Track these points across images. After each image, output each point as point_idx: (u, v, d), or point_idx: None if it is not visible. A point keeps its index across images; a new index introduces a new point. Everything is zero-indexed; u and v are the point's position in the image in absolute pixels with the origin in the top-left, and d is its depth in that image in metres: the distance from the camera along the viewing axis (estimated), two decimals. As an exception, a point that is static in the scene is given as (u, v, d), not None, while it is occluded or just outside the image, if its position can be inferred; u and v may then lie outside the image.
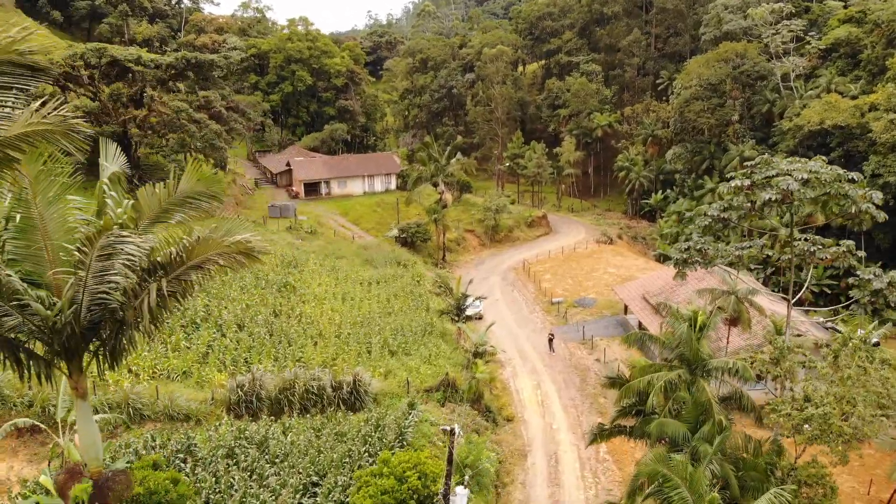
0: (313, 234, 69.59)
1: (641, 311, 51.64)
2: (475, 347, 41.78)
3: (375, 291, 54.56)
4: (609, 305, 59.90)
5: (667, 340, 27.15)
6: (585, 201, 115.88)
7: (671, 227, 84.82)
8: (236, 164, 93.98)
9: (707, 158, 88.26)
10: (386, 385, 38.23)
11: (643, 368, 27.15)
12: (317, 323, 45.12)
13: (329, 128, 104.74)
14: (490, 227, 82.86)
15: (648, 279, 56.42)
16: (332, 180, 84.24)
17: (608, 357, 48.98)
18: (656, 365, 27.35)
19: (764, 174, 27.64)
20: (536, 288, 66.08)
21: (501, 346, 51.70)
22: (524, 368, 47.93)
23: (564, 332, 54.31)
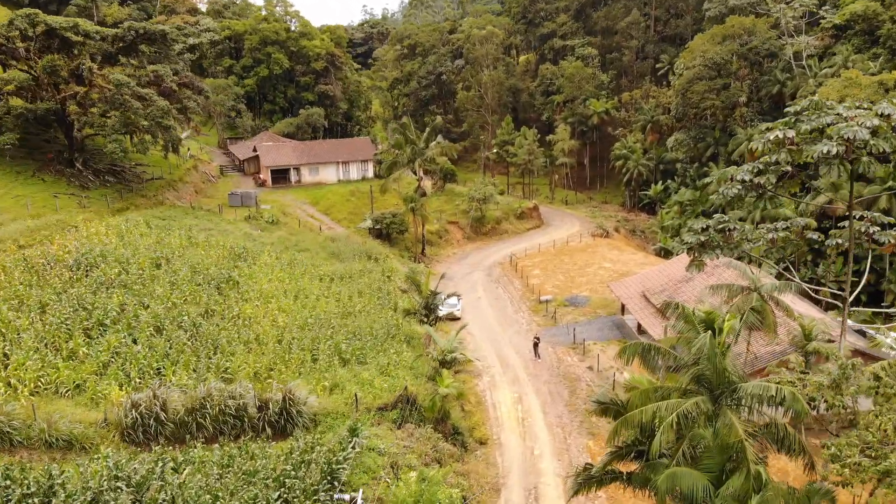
0: (275, 223, 62.43)
1: (641, 312, 44.58)
2: (442, 355, 34.71)
3: (337, 288, 47.43)
4: (604, 304, 52.87)
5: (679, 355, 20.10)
6: (580, 193, 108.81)
7: (672, 218, 77.78)
8: (201, 151, 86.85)
9: (711, 145, 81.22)
10: (329, 402, 31.23)
11: (646, 392, 20.11)
12: (257, 325, 37.99)
13: (305, 112, 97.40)
14: (475, 218, 75.78)
15: (649, 274, 49.36)
16: (302, 167, 77.03)
17: (602, 364, 41.96)
18: (664, 387, 20.29)
19: (814, 123, 20.59)
20: (523, 285, 59.04)
21: (480, 352, 44.66)
22: (504, 378, 40.88)
23: (553, 334, 47.27)
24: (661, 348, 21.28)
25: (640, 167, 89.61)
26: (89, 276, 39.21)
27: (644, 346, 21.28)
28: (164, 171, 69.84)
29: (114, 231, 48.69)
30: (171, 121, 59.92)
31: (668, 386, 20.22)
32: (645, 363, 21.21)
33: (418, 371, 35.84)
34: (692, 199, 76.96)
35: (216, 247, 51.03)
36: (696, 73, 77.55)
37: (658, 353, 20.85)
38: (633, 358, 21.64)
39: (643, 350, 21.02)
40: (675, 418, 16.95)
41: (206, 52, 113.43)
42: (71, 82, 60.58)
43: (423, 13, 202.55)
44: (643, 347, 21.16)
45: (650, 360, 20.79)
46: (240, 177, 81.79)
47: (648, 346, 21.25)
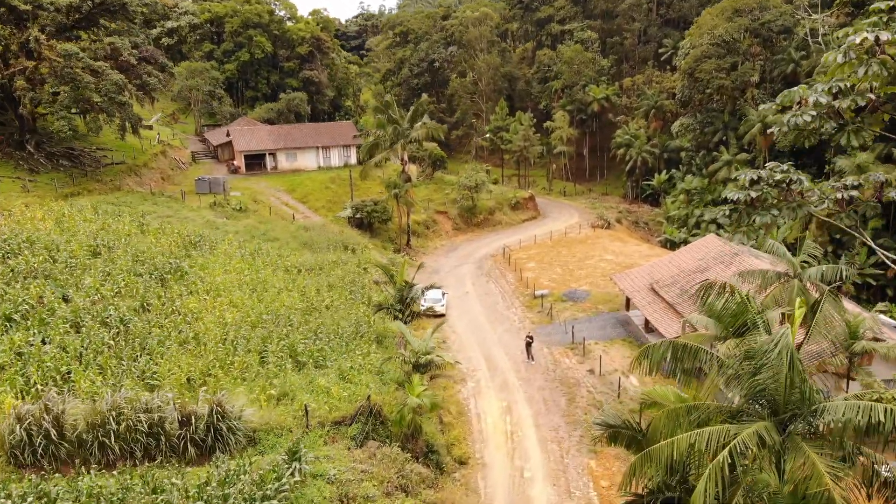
0: (243, 211, 56.80)
1: (650, 307, 38.95)
2: (416, 357, 29.06)
3: (304, 281, 41.78)
4: (606, 299, 47.24)
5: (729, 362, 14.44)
6: (579, 185, 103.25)
7: (679, 208, 72.18)
8: (174, 138, 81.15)
9: (720, 130, 75.59)
10: (274, 415, 25.56)
11: (675, 413, 14.39)
12: (200, 322, 32.32)
13: (286, 97, 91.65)
14: (466, 208, 70.14)
15: (658, 265, 43.74)
16: (279, 152, 71.32)
17: (605, 367, 36.34)
18: (701, 406, 14.50)
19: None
20: (517, 278, 53.40)
21: (464, 353, 39.04)
22: (492, 383, 35.24)
23: (548, 333, 41.65)
24: (698, 349, 15.57)
25: (643, 154, 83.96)
26: (6, 263, 33.54)
27: (675, 347, 15.56)
28: (127, 156, 64.19)
29: (53, 216, 43.01)
30: (126, 97, 54.23)
31: (708, 406, 14.43)
32: (676, 372, 15.45)
33: (388, 376, 30.19)
34: (700, 187, 71.35)
35: (170, 234, 45.40)
36: (703, 51, 71.88)
37: (693, 356, 15.12)
38: (657, 365, 15.96)
39: (674, 351, 15.27)
40: (725, 456, 11.29)
41: (185, 37, 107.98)
42: (21, 56, 55.02)
43: (418, 4, 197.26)
44: (674, 348, 15.44)
45: (684, 365, 15.04)
46: (213, 164, 76.09)
47: (681, 347, 15.52)
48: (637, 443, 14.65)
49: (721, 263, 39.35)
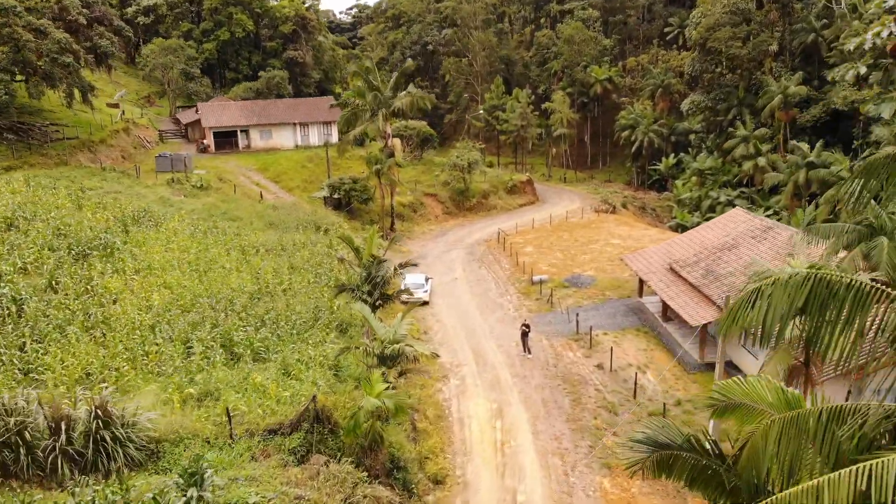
0: (203, 189, 50.69)
1: (668, 289, 32.77)
2: (381, 347, 22.88)
3: (262, 262, 35.61)
4: (614, 285, 41.10)
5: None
6: (581, 172, 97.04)
7: (691, 190, 66.00)
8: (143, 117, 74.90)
9: (735, 106, 69.40)
10: (190, 421, 19.41)
11: (796, 422, 7.92)
12: (119, 305, 26.15)
13: (266, 75, 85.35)
14: (458, 190, 64.00)
15: (676, 243, 37.59)
16: (252, 129, 65.12)
17: (617, 361, 30.19)
18: (860, 408, 7.99)
19: None
20: (512, 264, 47.27)
21: (449, 344, 32.90)
22: (480, 380, 29.06)
23: (548, 322, 35.51)
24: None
25: (650, 134, 77.72)
26: None
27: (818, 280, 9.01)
28: (83, 132, 58.02)
29: (-29, 188, 36.90)
30: (70, 58, 48.00)
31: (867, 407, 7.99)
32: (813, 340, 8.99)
33: (346, 372, 24.04)
34: (714, 167, 65.19)
35: (111, 209, 39.28)
36: (717, 19, 65.75)
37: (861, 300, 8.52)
38: (773, 329, 9.51)
39: (814, 289, 8.56)
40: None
41: (163, 15, 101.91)
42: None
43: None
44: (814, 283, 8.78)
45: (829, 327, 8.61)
46: (183, 144, 69.89)
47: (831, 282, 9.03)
48: (712, 477, 8.60)
49: (752, 238, 33.22)
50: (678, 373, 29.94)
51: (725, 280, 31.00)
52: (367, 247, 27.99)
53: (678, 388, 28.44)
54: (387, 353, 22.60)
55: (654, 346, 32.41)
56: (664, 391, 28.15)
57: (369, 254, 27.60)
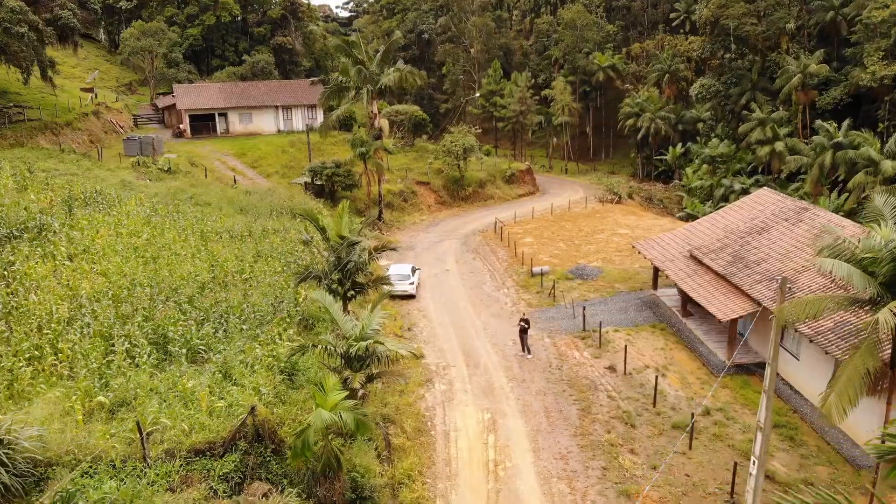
0: (171, 173, 46.37)
1: (691, 279, 28.38)
2: (346, 345, 18.43)
3: (224, 249, 31.20)
4: (624, 277, 36.71)
5: None
6: (583, 164, 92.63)
7: (702, 178, 61.58)
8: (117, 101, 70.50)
9: (748, 90, 65.01)
10: (94, 438, 15.05)
11: None
12: (38, 294, 21.73)
13: (251, 59, 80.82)
14: (452, 179, 59.60)
15: (696, 228, 33.17)
16: (230, 112, 60.68)
17: (631, 363, 25.80)
18: None
19: None
20: (510, 254, 42.88)
21: (437, 343, 28.49)
22: (471, 385, 24.63)
23: (551, 317, 31.10)
24: None
25: (657, 120, 73.15)
26: None
27: None
28: (47, 114, 53.62)
29: None
30: (26, 28, 43.58)
31: None
32: None
33: (306, 377, 19.64)
34: (727, 153, 60.75)
35: (59, 191, 34.88)
36: (729, -3, 61.35)
37: None
38: None
39: None
40: None
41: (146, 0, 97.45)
42: None
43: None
44: None
45: None
46: (160, 129, 65.47)
47: None
48: None
49: (785, 221, 28.83)
50: (703, 376, 25.56)
51: (758, 267, 26.63)
52: (334, 226, 23.53)
53: (704, 395, 24.05)
54: (353, 352, 18.17)
55: (672, 344, 28.01)
56: (688, 398, 23.78)
57: (337, 234, 23.15)
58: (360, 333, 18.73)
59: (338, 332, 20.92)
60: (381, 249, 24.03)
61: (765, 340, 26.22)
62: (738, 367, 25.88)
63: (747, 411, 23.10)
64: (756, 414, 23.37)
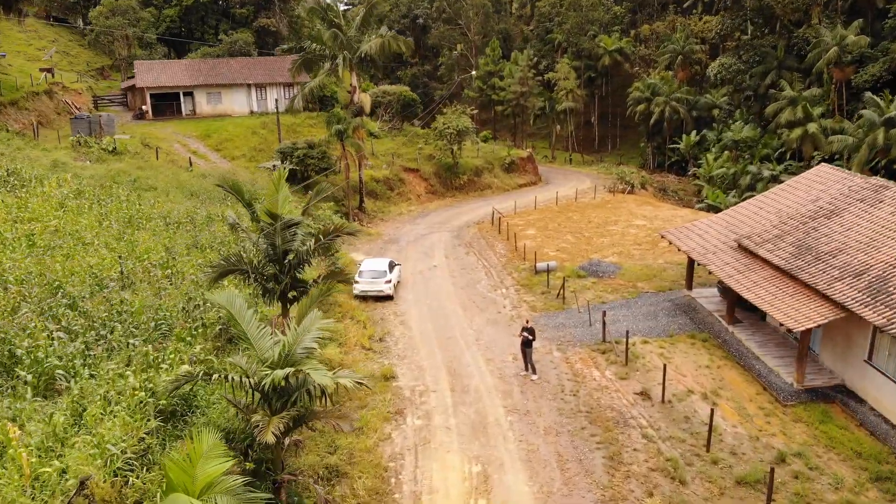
0: (116, 154, 40.10)
1: (743, 277, 22.03)
2: (260, 375, 12.01)
3: (156, 237, 24.92)
4: (647, 274, 30.35)
5: None
6: (588, 156, 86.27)
7: (723, 165, 55.19)
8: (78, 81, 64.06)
9: (774, 69, 58.67)
10: None
11: None
12: None
13: (228, 38, 74.33)
14: (445, 166, 53.27)
15: (740, 213, 26.76)
16: (197, 91, 54.24)
17: (671, 387, 19.39)
18: None
19: None
20: (510, 249, 36.53)
21: (414, 359, 22.13)
22: (456, 418, 18.24)
23: (560, 325, 24.73)
24: None
25: (671, 104, 66.67)
26: None
27: None
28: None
29: None
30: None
31: None
32: None
33: (205, 418, 13.26)
34: (752, 137, 54.33)
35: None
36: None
37: None
38: None
39: None
40: None
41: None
42: None
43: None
44: None
45: None
46: (122, 111, 59.10)
47: None
48: None
49: (860, 202, 22.50)
50: (765, 404, 19.21)
51: (833, 260, 20.31)
52: (267, 200, 17.14)
53: (772, 432, 17.75)
54: (267, 385, 11.80)
55: (719, 360, 21.66)
56: (751, 437, 17.45)
57: (266, 212, 16.76)
58: (281, 356, 12.40)
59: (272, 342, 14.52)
60: (332, 234, 17.68)
61: (844, 356, 19.91)
62: (809, 393, 19.55)
63: (835, 456, 16.77)
64: (848, 460, 17.11)
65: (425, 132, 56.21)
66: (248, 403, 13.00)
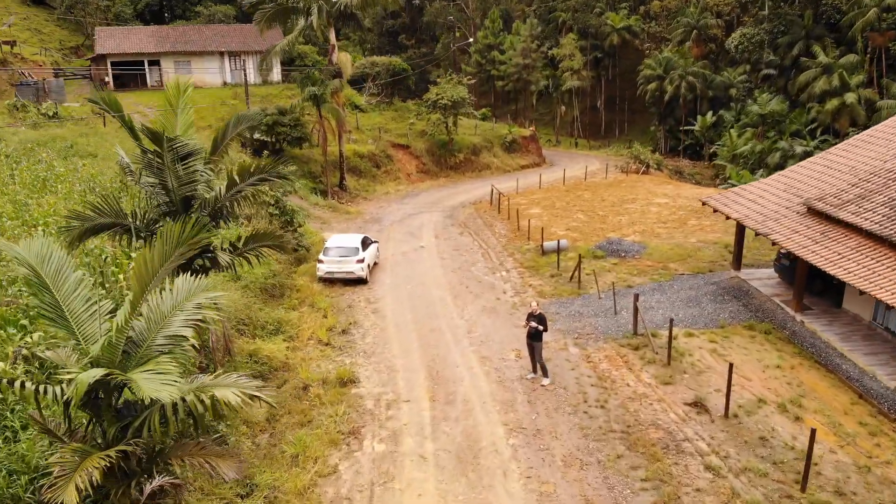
0: (57, 119, 34.90)
1: (820, 248, 16.59)
2: (58, 380, 6.59)
3: (67, 201, 19.61)
4: (679, 254, 24.94)
5: None
6: (594, 141, 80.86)
7: (747, 143, 49.72)
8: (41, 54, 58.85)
9: (801, 39, 53.20)
10: None
11: None
12: None
13: (206, 12, 68.88)
14: (439, 143, 47.87)
15: (802, 171, 21.29)
16: (164, 59, 48.73)
17: (736, 393, 13.89)
18: None
19: None
20: (511, 228, 31.13)
21: (384, 356, 16.70)
22: (436, 441, 12.82)
23: (576, 313, 19.32)
24: None
25: (687, 80, 61.16)
26: None
27: None
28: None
29: None
30: None
31: None
32: None
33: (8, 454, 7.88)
34: (779, 111, 48.79)
35: None
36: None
37: None
38: None
39: None
40: None
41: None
42: None
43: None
44: None
45: None
46: (87, 84, 53.76)
47: None
48: None
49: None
50: (866, 418, 13.85)
51: (952, 223, 14.87)
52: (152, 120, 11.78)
53: (886, 459, 12.40)
54: (71, 397, 6.43)
55: (791, 358, 16.26)
56: (860, 467, 12.08)
57: (146, 131, 11.43)
58: (113, 346, 7.04)
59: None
60: (259, 173, 12.20)
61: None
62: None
63: None
64: None
65: (417, 105, 50.72)
66: (67, 429, 7.66)
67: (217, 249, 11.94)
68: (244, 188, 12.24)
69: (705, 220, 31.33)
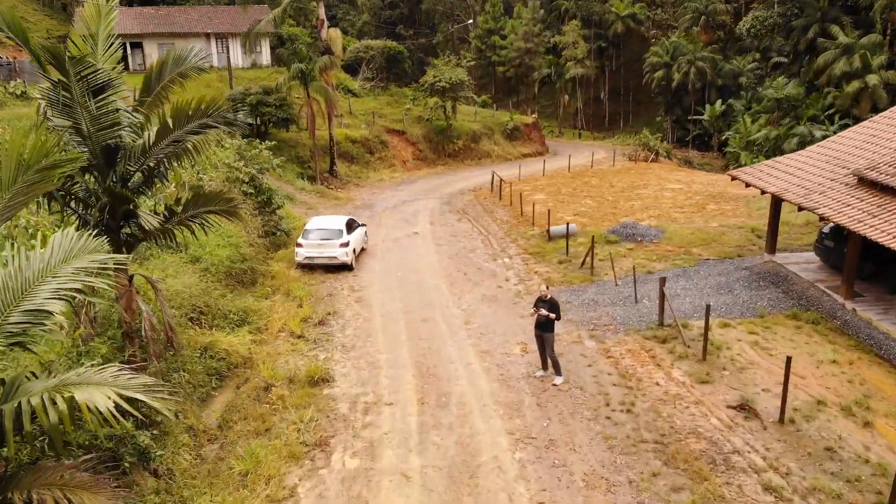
0: (26, 98, 32.66)
1: (878, 222, 14.05)
2: None
3: None
4: (702, 238, 22.44)
5: None
6: (598, 133, 78.40)
7: (762, 129, 47.22)
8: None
9: (816, 21, 50.68)
10: None
11: None
12: None
13: None
14: (437, 129, 45.44)
15: (844, 141, 18.78)
16: (147, 42, 46.27)
17: (791, 394, 11.34)
18: None
19: None
20: (514, 214, 28.65)
21: (364, 351, 14.17)
22: (423, 456, 10.32)
23: (591, 301, 16.84)
24: None
25: (696, 66, 58.63)
26: None
27: None
28: None
29: None
30: None
31: None
32: None
33: None
34: (796, 96, 46.26)
35: None
36: None
37: None
38: None
39: None
40: None
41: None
42: None
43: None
44: None
45: None
46: (64, 72, 51.18)
47: None
48: None
49: None
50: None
51: None
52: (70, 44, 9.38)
53: None
54: None
55: (847, 352, 13.76)
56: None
57: (45, 51, 8.98)
58: None
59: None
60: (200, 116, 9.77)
61: None
62: None
63: None
64: None
65: (413, 90, 48.21)
66: None
67: (141, 212, 9.46)
68: (183, 137, 9.77)
69: (725, 204, 28.87)
